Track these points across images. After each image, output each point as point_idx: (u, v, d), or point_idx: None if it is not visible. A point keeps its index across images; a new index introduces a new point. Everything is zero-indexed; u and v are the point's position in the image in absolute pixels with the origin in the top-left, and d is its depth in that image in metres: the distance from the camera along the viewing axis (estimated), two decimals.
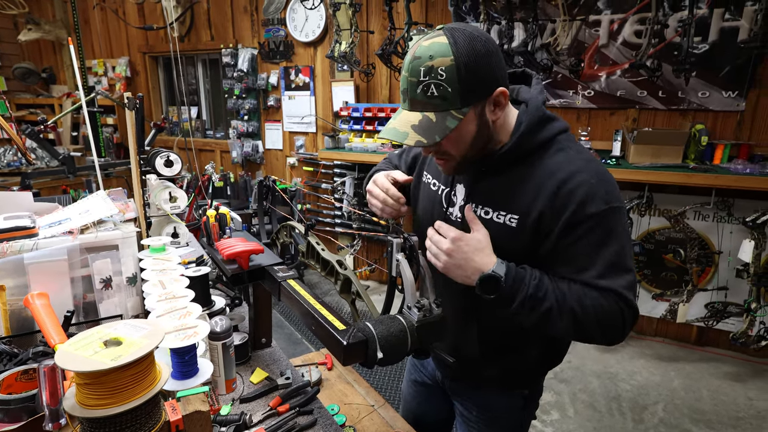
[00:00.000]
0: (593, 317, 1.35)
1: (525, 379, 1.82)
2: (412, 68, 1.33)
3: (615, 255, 1.37)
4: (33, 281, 1.69)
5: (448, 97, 1.32)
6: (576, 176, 1.39)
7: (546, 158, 1.45)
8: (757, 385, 4.21)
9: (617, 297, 1.36)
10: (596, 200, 1.36)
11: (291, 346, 4.79)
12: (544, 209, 1.40)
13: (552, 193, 1.39)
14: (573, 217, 1.37)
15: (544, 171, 1.43)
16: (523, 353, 1.72)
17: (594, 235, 1.37)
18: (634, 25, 4.35)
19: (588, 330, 1.38)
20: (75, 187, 6.25)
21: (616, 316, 1.36)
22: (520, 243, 1.46)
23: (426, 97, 1.33)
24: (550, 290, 1.36)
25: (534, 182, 1.43)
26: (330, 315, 1.36)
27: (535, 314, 1.36)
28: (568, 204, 1.37)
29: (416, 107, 1.37)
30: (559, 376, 4.33)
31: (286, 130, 6.81)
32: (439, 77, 1.30)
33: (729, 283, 4.49)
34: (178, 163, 2.28)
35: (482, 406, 1.88)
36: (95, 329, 1.04)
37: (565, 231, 1.39)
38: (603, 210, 1.36)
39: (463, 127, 1.37)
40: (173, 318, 1.40)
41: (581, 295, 1.36)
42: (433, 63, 1.29)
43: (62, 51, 8.75)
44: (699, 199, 4.40)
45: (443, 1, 5.16)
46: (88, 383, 0.92)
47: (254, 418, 1.70)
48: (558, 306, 1.35)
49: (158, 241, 1.96)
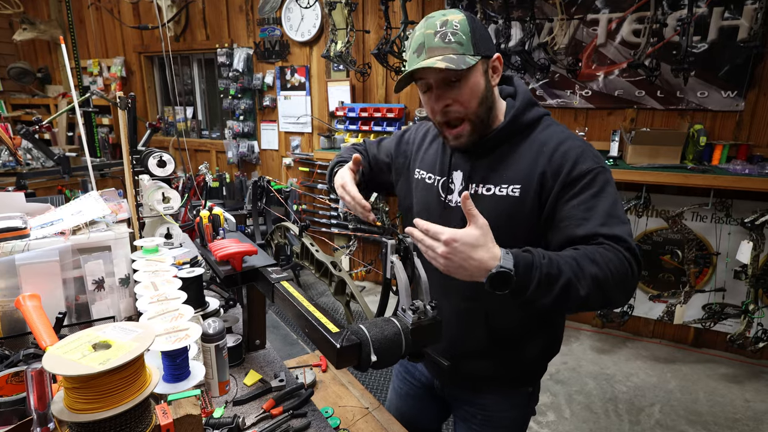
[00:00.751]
0: (609, 273, 1.34)
1: (530, 375, 1.86)
2: (428, 24, 1.50)
3: (611, 206, 1.45)
4: (24, 282, 1.67)
5: (463, 43, 1.46)
6: (566, 142, 1.55)
7: (536, 133, 1.61)
8: (754, 386, 4.20)
9: (619, 242, 1.39)
10: (587, 159, 1.50)
11: (286, 347, 4.77)
12: (545, 170, 1.51)
13: (548, 157, 1.53)
14: (570, 174, 1.48)
15: (537, 142, 1.58)
16: (528, 349, 1.75)
17: (590, 189, 1.46)
18: (633, 24, 4.35)
19: (608, 287, 1.35)
20: (71, 187, 6.22)
21: (623, 264, 1.37)
22: (525, 211, 1.54)
23: (444, 43, 1.46)
24: (563, 263, 1.33)
25: (529, 153, 1.57)
26: (323, 317, 1.35)
27: (554, 292, 1.32)
28: (564, 163, 1.50)
29: (434, 53, 1.47)
30: (555, 377, 4.32)
31: (281, 130, 6.80)
32: (455, 27, 1.46)
33: (727, 285, 4.49)
34: (171, 163, 2.26)
35: (486, 408, 1.87)
36: (84, 332, 1.02)
37: (565, 187, 1.49)
38: (595, 167, 1.48)
39: (476, 77, 1.51)
40: (165, 320, 1.38)
41: (589, 254, 1.36)
42: (448, 18, 1.48)
43: (57, 51, 8.73)
44: (697, 200, 4.39)
45: (440, 0, 5.15)
46: (76, 387, 0.90)
47: (247, 421, 1.68)
48: (575, 276, 1.32)
49: (151, 242, 1.94)
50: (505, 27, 4.55)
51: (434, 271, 1.39)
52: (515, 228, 1.54)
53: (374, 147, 2.09)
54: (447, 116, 1.58)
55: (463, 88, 1.50)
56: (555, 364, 4.52)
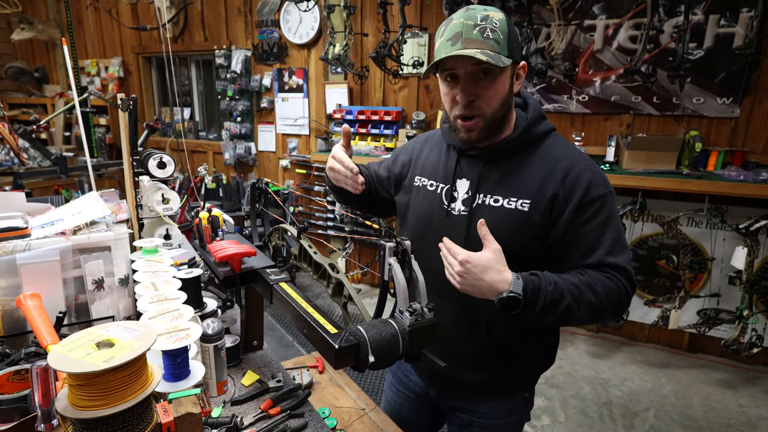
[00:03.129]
0: (605, 300, 1.47)
1: (526, 382, 1.88)
2: (468, 15, 1.46)
3: (617, 233, 1.53)
4: (25, 282, 1.67)
5: (500, 42, 1.45)
6: (579, 163, 1.56)
7: (546, 148, 1.62)
8: (748, 392, 4.22)
9: (622, 272, 1.51)
10: (599, 185, 1.53)
11: (282, 349, 4.78)
12: (557, 191, 1.52)
13: (561, 177, 1.53)
14: (582, 199, 1.51)
15: (548, 159, 1.58)
16: (525, 358, 1.77)
17: (600, 216, 1.52)
18: (629, 30, 4.37)
19: (601, 312, 1.50)
20: (67, 187, 6.22)
21: (621, 293, 1.50)
22: (532, 228, 1.56)
23: (482, 37, 1.43)
24: (566, 290, 1.45)
25: (541, 168, 1.57)
26: (322, 318, 1.36)
27: (555, 315, 1.45)
28: (576, 187, 1.52)
29: (471, 45, 1.44)
30: (550, 381, 4.34)
31: (279, 132, 6.81)
32: (495, 24, 1.44)
33: (721, 290, 4.51)
34: (171, 164, 2.27)
35: (484, 415, 1.88)
36: (87, 330, 1.03)
37: (577, 212, 1.52)
38: (605, 193, 1.53)
39: (504, 79, 1.52)
40: (165, 320, 1.40)
41: (592, 284, 1.47)
42: (489, 13, 1.46)
43: (55, 51, 8.73)
44: (692, 206, 4.41)
45: (438, 5, 5.16)
46: (80, 384, 0.91)
47: (245, 421, 1.69)
48: (575, 301, 1.44)
49: (150, 242, 1.95)
50: None
51: (433, 279, 1.42)
52: (519, 241, 1.56)
53: (375, 164, 2.09)
54: (467, 110, 1.55)
55: (490, 86, 1.50)
56: (550, 368, 4.53)
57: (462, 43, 1.44)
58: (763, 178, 3.85)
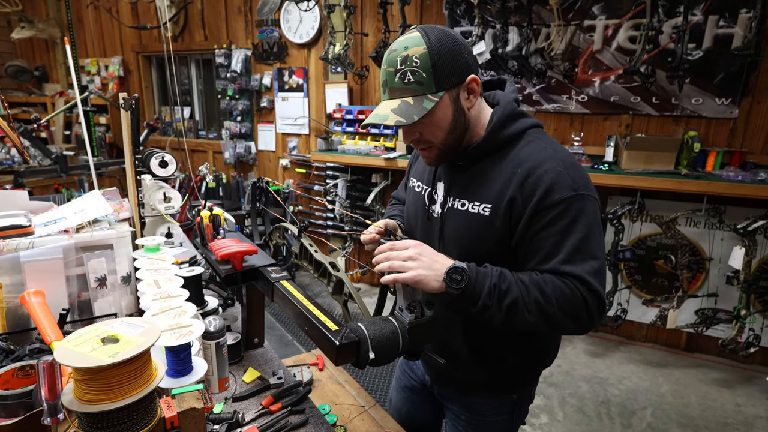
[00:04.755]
0: (556, 305, 1.39)
1: (513, 384, 1.85)
2: (390, 60, 1.46)
3: (580, 241, 1.42)
4: (29, 279, 1.69)
5: (424, 82, 1.43)
6: (544, 164, 1.47)
7: (517, 150, 1.55)
8: (745, 391, 4.24)
9: (580, 282, 1.40)
10: (563, 187, 1.43)
11: (282, 347, 4.80)
12: (515, 195, 1.47)
13: (521, 181, 1.47)
14: (540, 203, 1.43)
15: (514, 161, 1.52)
16: (508, 358, 1.75)
17: (561, 221, 1.43)
18: (629, 30, 4.38)
19: (556, 319, 1.41)
20: (67, 186, 6.23)
21: (578, 302, 1.40)
22: (493, 232, 1.53)
23: (404, 84, 1.44)
24: (513, 282, 1.41)
25: (504, 172, 1.52)
26: (323, 316, 1.38)
27: (503, 308, 1.39)
28: (535, 190, 1.44)
29: (395, 94, 1.48)
30: (548, 380, 4.35)
31: (279, 131, 6.82)
32: (414, 64, 1.42)
33: (719, 290, 4.52)
34: (172, 163, 2.28)
35: (471, 410, 1.90)
36: (92, 326, 1.05)
37: (534, 217, 1.45)
38: (569, 196, 1.42)
39: (440, 111, 1.48)
40: (168, 317, 1.41)
41: (541, 284, 1.40)
42: (408, 52, 1.42)
43: (55, 49, 8.74)
44: (691, 206, 4.43)
45: (438, 5, 5.18)
46: (86, 379, 0.93)
47: (247, 417, 1.71)
48: (522, 298, 1.39)
49: (152, 241, 1.97)
50: (503, 32, 4.59)
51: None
52: (484, 246, 1.56)
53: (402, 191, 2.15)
54: (417, 145, 1.60)
55: (427, 125, 1.49)
56: (549, 367, 4.54)
57: (388, 92, 1.50)
58: (761, 178, 3.86)
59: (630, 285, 4.93)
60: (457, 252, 1.49)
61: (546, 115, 4.98)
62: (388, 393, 4.00)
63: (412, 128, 1.52)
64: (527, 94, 4.95)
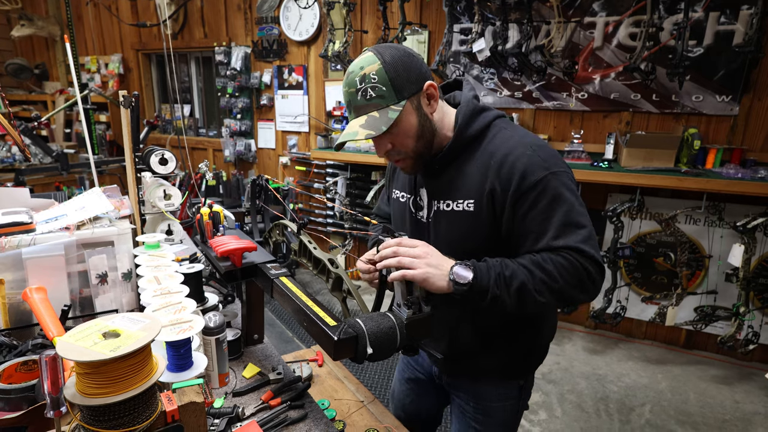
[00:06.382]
0: (561, 280, 1.45)
1: (521, 368, 1.91)
2: (349, 81, 1.55)
3: (565, 215, 1.49)
4: (31, 276, 1.70)
5: (385, 95, 1.51)
6: (514, 151, 1.55)
7: (486, 143, 1.63)
8: (743, 388, 4.25)
9: (576, 252, 1.46)
10: (536, 169, 1.50)
11: (282, 344, 4.81)
12: (494, 186, 1.55)
13: (496, 171, 1.55)
14: (519, 189, 1.51)
15: (485, 154, 1.60)
16: (517, 342, 1.81)
17: (543, 201, 1.50)
18: (629, 27, 4.38)
19: (565, 293, 1.47)
20: (68, 184, 6.24)
21: (580, 271, 1.46)
22: (481, 225, 1.59)
23: (366, 101, 1.53)
24: (515, 267, 1.46)
25: (479, 166, 1.60)
26: (321, 312, 1.39)
27: (512, 294, 1.44)
28: (511, 178, 1.52)
29: (360, 112, 1.56)
30: (547, 377, 4.37)
31: (278, 129, 6.83)
32: (372, 80, 1.50)
33: (718, 287, 4.53)
34: (172, 161, 2.29)
35: (480, 397, 1.95)
36: (94, 321, 1.06)
37: (517, 203, 1.52)
38: (544, 176, 1.50)
39: (405, 120, 1.55)
40: (169, 313, 1.42)
41: (542, 263, 1.46)
42: (365, 71, 1.51)
43: (55, 47, 8.74)
44: (690, 203, 4.44)
45: (437, 2, 5.18)
46: (88, 373, 0.94)
47: (246, 411, 1.72)
48: (529, 280, 1.44)
49: (153, 237, 1.98)
50: (503, 29, 4.59)
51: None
52: (475, 241, 1.62)
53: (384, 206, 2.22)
54: (390, 156, 1.67)
55: (395, 134, 1.56)
56: (547, 364, 4.56)
57: (354, 111, 1.58)
58: (761, 176, 3.87)
59: (629, 282, 4.94)
60: (450, 252, 1.51)
61: (546, 113, 4.98)
62: (387, 388, 4.03)
63: (383, 140, 1.59)
64: (527, 91, 4.96)
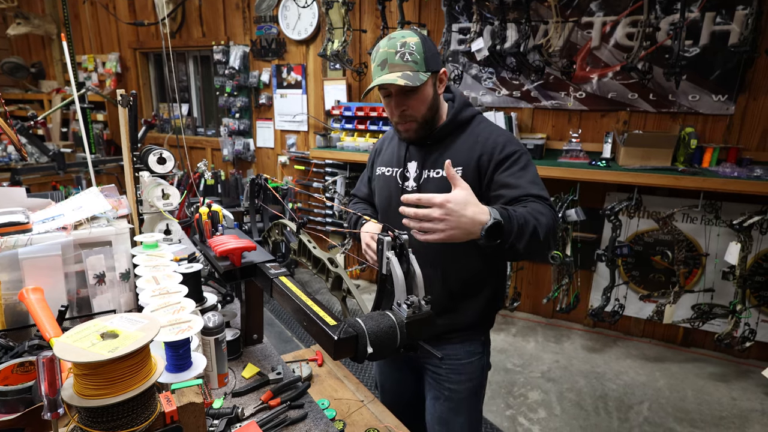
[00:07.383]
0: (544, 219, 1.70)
1: (485, 322, 2.19)
2: (390, 44, 1.84)
3: (533, 176, 1.87)
4: (27, 276, 1.69)
5: (418, 62, 1.83)
6: (495, 132, 1.98)
7: (473, 127, 2.02)
8: (740, 385, 4.26)
9: (544, 200, 1.80)
10: (513, 144, 1.93)
11: (281, 344, 4.81)
12: (481, 153, 1.92)
13: (482, 144, 1.94)
14: (501, 153, 1.89)
15: (473, 135, 1.99)
16: (479, 298, 2.09)
17: (518, 165, 1.88)
18: (626, 27, 4.39)
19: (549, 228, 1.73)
20: (64, 183, 6.22)
21: (551, 212, 1.79)
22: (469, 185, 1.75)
23: (403, 61, 1.82)
24: (526, 214, 1.67)
25: (468, 142, 1.97)
26: (321, 311, 1.38)
27: (526, 237, 1.63)
28: (495, 147, 1.91)
29: (395, 69, 1.83)
30: (546, 375, 4.37)
31: (277, 128, 6.82)
32: (411, 48, 1.82)
33: (715, 285, 4.54)
34: (170, 160, 2.29)
35: (450, 357, 2.14)
36: (92, 322, 1.05)
37: (498, 164, 1.89)
38: (518, 150, 1.91)
39: (426, 88, 1.88)
40: (167, 313, 1.42)
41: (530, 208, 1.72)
42: (405, 40, 1.83)
43: (51, 46, 8.72)
44: (687, 202, 4.44)
45: (436, 1, 5.18)
46: (86, 374, 0.94)
47: (246, 411, 1.72)
48: (536, 222, 1.66)
49: (151, 237, 1.97)
50: (501, 29, 4.59)
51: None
52: None
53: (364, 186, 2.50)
54: (401, 118, 1.95)
55: (416, 97, 1.88)
56: (546, 362, 4.57)
57: (388, 68, 1.84)
58: (757, 174, 3.88)
59: (627, 281, 4.95)
60: None
61: (544, 112, 4.99)
62: None
63: (404, 99, 1.89)
64: (525, 90, 4.97)
